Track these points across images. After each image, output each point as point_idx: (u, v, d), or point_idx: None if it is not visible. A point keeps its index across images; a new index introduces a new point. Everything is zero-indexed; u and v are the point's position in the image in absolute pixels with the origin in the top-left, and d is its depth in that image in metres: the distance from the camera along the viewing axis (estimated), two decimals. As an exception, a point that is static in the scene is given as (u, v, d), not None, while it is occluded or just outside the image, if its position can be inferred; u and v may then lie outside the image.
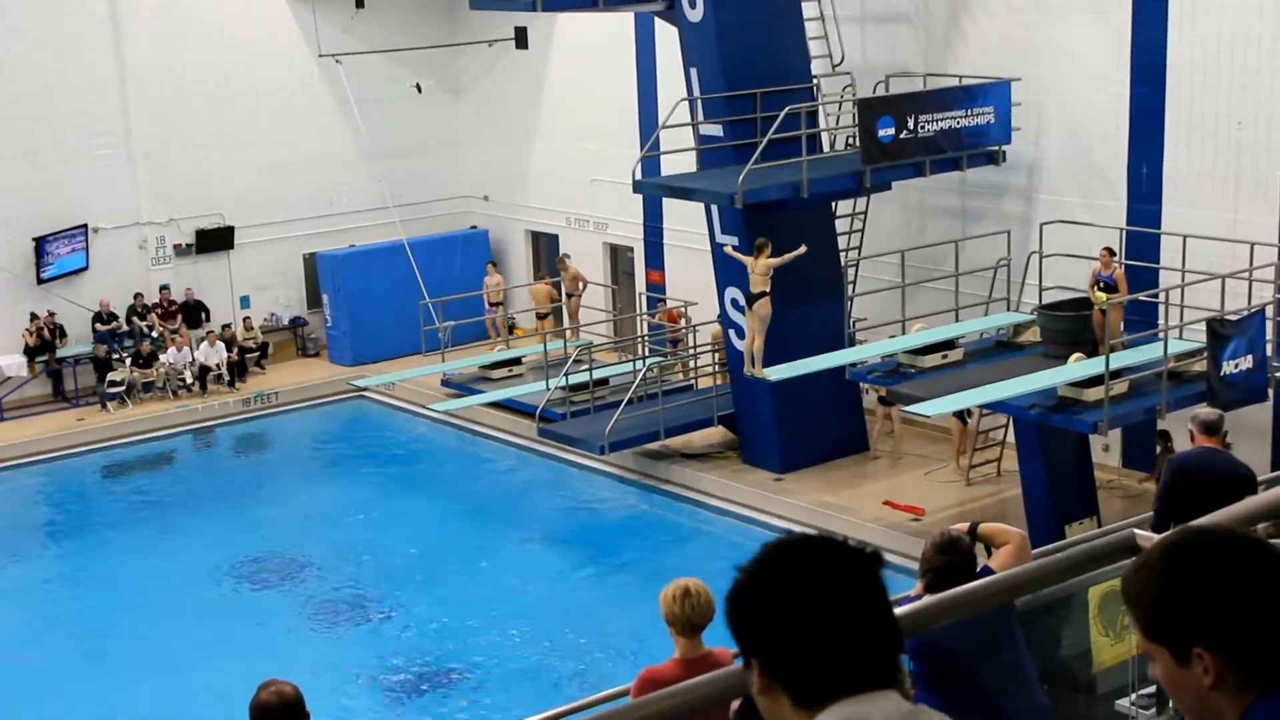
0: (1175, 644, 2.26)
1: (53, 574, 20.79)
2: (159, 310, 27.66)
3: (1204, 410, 9.08)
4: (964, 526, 6.73)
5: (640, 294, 26.93)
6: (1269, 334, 17.43)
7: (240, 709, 5.79)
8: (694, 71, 21.12)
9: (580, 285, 26.53)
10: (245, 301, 28.79)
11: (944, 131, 19.93)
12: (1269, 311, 17.55)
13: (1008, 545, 6.75)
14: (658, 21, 23.80)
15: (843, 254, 21.71)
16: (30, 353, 26.44)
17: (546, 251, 29.78)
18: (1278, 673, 2.23)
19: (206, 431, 26.12)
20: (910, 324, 19.74)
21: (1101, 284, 18.31)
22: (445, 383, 25.31)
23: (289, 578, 19.64)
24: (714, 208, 20.91)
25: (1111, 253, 18.74)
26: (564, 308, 26.69)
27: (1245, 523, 3.60)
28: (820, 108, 21.62)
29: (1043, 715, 6.50)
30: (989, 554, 6.86)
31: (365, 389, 26.90)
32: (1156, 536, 3.64)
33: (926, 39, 22.18)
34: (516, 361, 25.37)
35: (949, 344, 19.23)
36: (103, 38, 26.72)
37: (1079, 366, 17.38)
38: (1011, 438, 19.45)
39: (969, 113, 20.11)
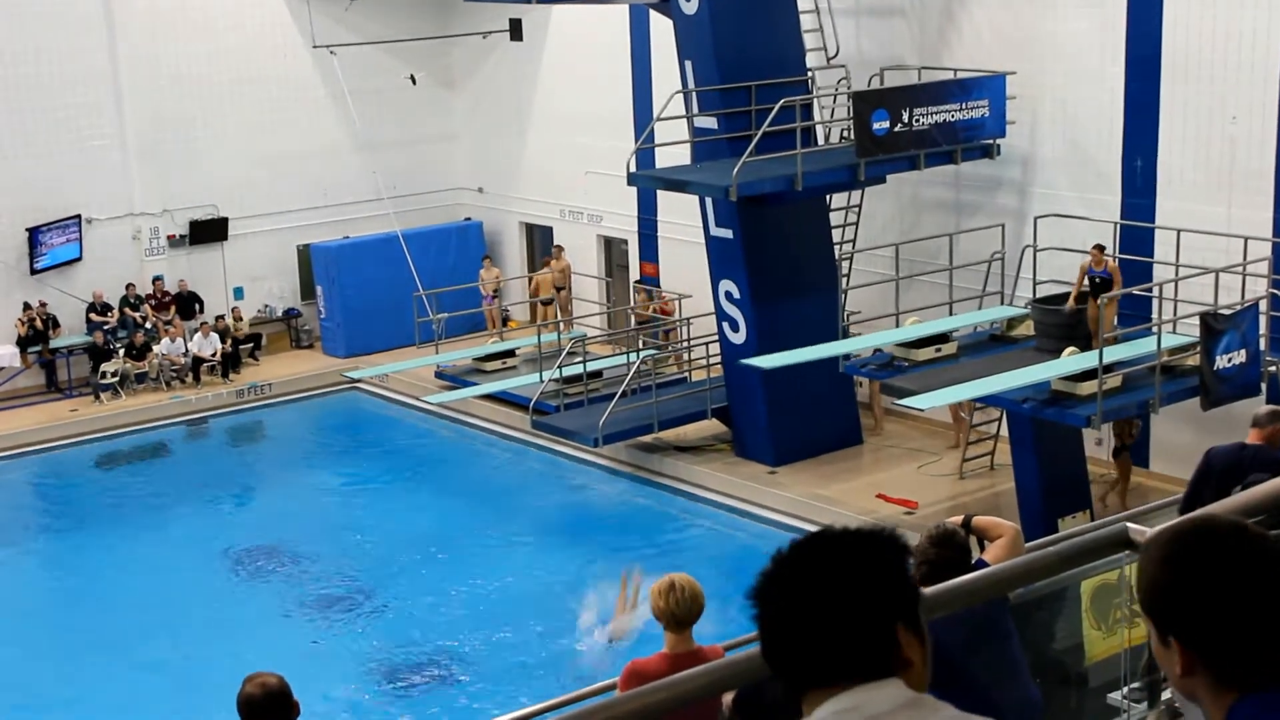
0: (1158, 625, 2.30)
1: (45, 564, 20.79)
2: (152, 301, 27.63)
3: (1264, 406, 9.11)
4: (958, 519, 6.73)
5: (634, 286, 26.92)
6: (1262, 328, 17.44)
7: (232, 699, 5.78)
8: (688, 64, 21.10)
9: (566, 278, 26.66)
10: (239, 293, 28.75)
11: (939, 125, 19.93)
12: (1262, 306, 17.56)
13: (1001, 539, 6.75)
14: (652, 14, 23.78)
15: (837, 247, 21.71)
16: (23, 343, 26.40)
17: (540, 243, 29.78)
18: (1257, 673, 2.23)
19: (200, 423, 26.10)
20: (904, 317, 19.74)
21: (1098, 279, 18.22)
22: (439, 375, 25.32)
23: (281, 569, 19.63)
24: (708, 200, 20.91)
25: (1102, 249, 18.67)
26: (555, 300, 26.83)
27: (1246, 514, 3.59)
28: (815, 101, 21.60)
29: (1034, 708, 6.50)
30: (982, 547, 6.86)
31: (359, 381, 26.88)
32: (1150, 530, 3.64)
33: (921, 32, 22.17)
34: (510, 354, 25.37)
35: (943, 337, 19.22)
36: (97, 28, 26.67)
37: (1072, 360, 17.39)
38: (1005, 431, 19.46)
39: (964, 106, 20.11)
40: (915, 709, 2.24)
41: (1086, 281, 18.40)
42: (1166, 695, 6.08)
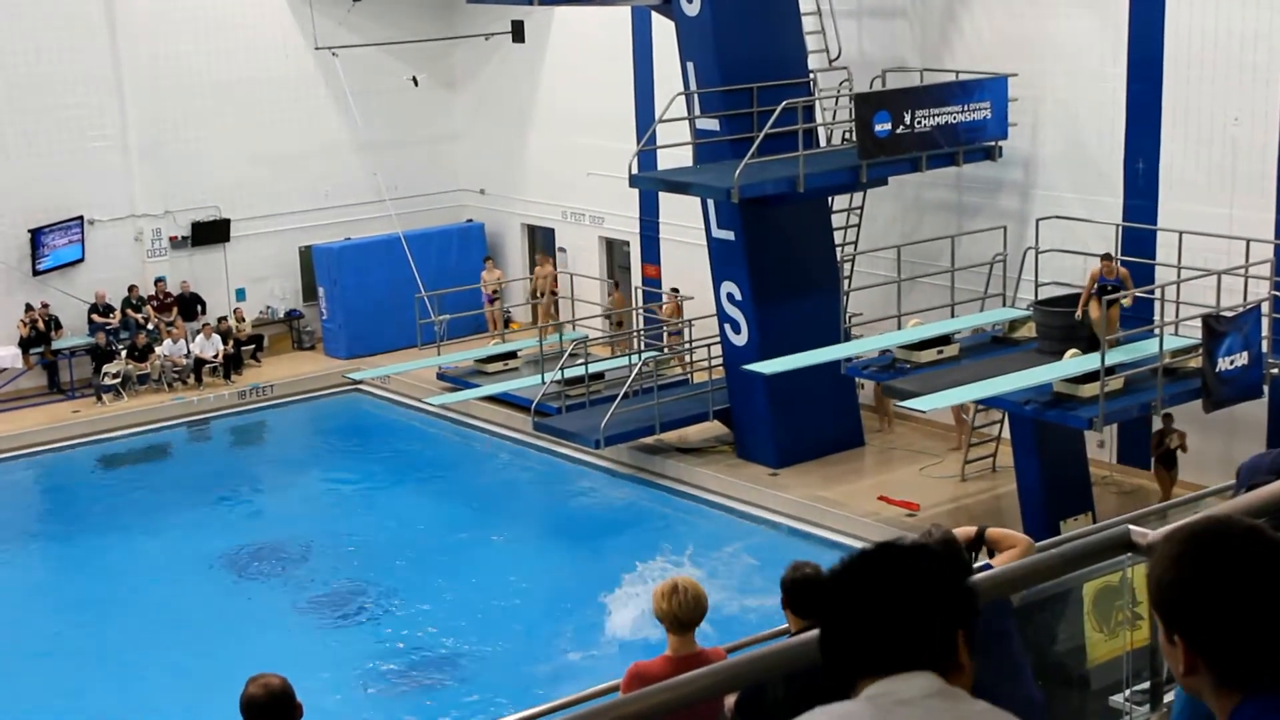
0: (1164, 623, 2.31)
1: (46, 566, 20.79)
2: (154, 302, 27.63)
3: None
4: (972, 530, 6.71)
5: (636, 288, 26.92)
6: (1265, 330, 17.43)
7: (233, 701, 5.78)
8: (690, 66, 21.10)
9: (551, 283, 26.74)
10: (241, 294, 28.75)
11: (940, 127, 19.92)
12: (1265, 308, 17.54)
13: (1013, 549, 6.73)
14: (654, 15, 23.77)
15: (839, 249, 21.70)
16: (25, 344, 26.40)
17: (542, 245, 29.80)
18: (1260, 676, 2.22)
19: (201, 424, 26.09)
20: (906, 319, 19.74)
21: (1110, 288, 18.07)
22: (441, 376, 25.32)
23: (283, 570, 19.62)
24: (710, 202, 20.90)
25: (1110, 258, 18.56)
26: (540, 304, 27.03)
27: (1249, 516, 3.58)
28: (817, 102, 21.60)
29: (1036, 710, 6.50)
30: (991, 557, 6.83)
31: (360, 382, 26.88)
32: (1152, 533, 3.63)
33: (923, 34, 22.16)
34: (512, 355, 25.38)
35: (945, 339, 19.22)
36: (98, 29, 26.67)
37: (1074, 362, 17.38)
38: (1007, 433, 19.45)
39: (965, 108, 20.10)
40: (945, 699, 2.34)
41: (1095, 288, 18.31)
42: (1169, 698, 6.07)
